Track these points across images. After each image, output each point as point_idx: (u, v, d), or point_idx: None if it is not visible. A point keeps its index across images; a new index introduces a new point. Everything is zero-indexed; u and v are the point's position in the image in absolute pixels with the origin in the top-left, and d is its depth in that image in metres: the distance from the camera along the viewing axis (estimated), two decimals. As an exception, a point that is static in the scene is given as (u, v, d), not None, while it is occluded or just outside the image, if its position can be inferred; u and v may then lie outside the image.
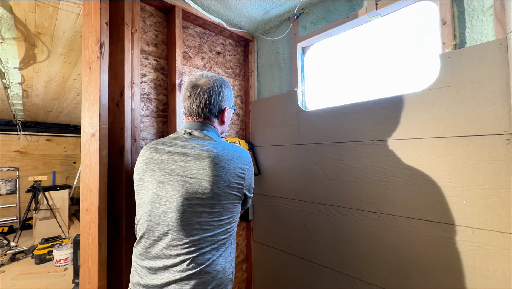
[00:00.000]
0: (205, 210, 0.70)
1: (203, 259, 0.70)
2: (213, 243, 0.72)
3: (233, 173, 0.74)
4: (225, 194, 0.72)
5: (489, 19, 0.78)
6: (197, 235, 0.70)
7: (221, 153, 0.74)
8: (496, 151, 0.74)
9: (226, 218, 0.74)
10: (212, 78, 0.84)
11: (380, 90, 1.09)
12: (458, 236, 0.80)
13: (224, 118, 0.87)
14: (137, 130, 1.03)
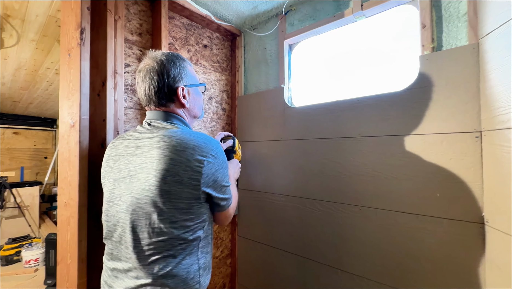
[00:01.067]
0: (154, 210, 0.61)
1: (157, 267, 0.62)
2: (167, 249, 0.62)
3: (185, 166, 0.61)
4: (176, 192, 0.61)
5: (463, 25, 0.84)
6: (146, 239, 0.62)
7: (173, 142, 0.63)
8: (466, 147, 0.80)
9: (181, 220, 0.63)
10: (154, 58, 0.72)
11: (364, 88, 1.14)
12: (432, 226, 0.86)
13: (182, 100, 0.72)
14: (120, 123, 0.99)
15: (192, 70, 0.79)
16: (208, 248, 0.73)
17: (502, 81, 0.68)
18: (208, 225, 0.72)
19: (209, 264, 0.74)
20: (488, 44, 0.74)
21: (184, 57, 0.77)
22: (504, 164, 0.68)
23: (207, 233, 0.71)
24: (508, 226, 0.67)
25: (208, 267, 0.73)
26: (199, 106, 0.82)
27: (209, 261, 0.74)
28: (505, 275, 0.68)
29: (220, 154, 0.69)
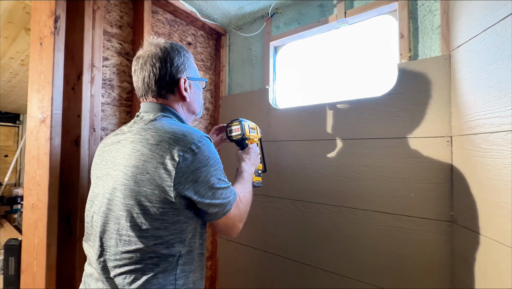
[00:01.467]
0: (122, 214, 0.54)
1: (120, 283, 0.53)
2: (135, 263, 0.53)
3: (157, 162, 0.53)
4: (146, 193, 0.53)
5: (437, 37, 0.91)
6: (113, 247, 0.54)
7: (148, 135, 0.56)
8: (438, 150, 0.86)
9: (152, 228, 0.53)
10: (157, 44, 0.66)
11: (346, 92, 1.18)
12: (406, 225, 0.91)
13: (184, 92, 0.67)
14: (96, 119, 0.94)
15: (195, 65, 0.74)
16: (191, 266, 0.60)
17: (470, 91, 0.74)
18: (193, 238, 0.60)
19: (195, 284, 0.62)
20: (459, 56, 0.80)
21: (189, 50, 0.72)
22: (471, 166, 0.74)
23: (190, 247, 0.60)
24: (474, 223, 0.73)
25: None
26: (199, 102, 0.76)
27: (194, 282, 0.61)
28: (471, 268, 0.74)
29: (206, 149, 0.57)
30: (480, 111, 0.70)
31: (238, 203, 0.65)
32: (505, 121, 0.62)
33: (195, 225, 0.61)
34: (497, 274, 0.64)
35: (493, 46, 0.65)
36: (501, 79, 0.63)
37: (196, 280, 0.63)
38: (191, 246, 0.60)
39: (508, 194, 0.60)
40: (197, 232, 0.62)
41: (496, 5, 0.64)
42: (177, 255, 0.57)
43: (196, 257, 0.62)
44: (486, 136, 0.68)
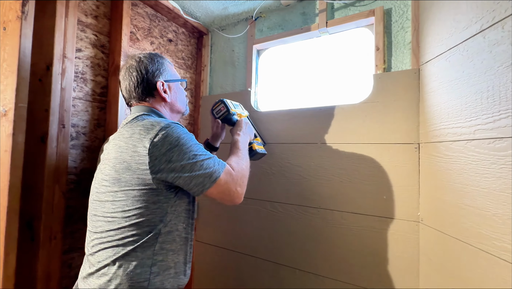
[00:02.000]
0: (108, 199, 0.64)
1: (103, 256, 0.62)
2: (118, 239, 0.61)
3: (132, 151, 0.61)
4: (126, 179, 0.61)
5: (408, 52, 0.99)
6: (100, 227, 0.64)
7: (124, 131, 0.66)
8: (407, 156, 0.94)
9: (134, 208, 0.61)
10: (133, 56, 0.77)
11: (327, 98, 1.23)
12: (379, 225, 0.97)
13: (163, 94, 0.75)
14: (66, 114, 0.86)
15: (171, 68, 0.82)
16: (172, 246, 0.66)
17: (436, 103, 0.82)
18: (175, 220, 0.66)
19: (175, 267, 0.67)
20: (426, 71, 0.89)
21: (164, 56, 0.81)
22: (435, 171, 0.82)
23: (171, 228, 0.66)
24: (437, 223, 0.80)
25: (170, 269, 0.65)
26: (182, 101, 0.83)
27: (175, 263, 0.67)
28: (435, 264, 0.81)
29: (174, 131, 0.63)
30: (445, 122, 0.78)
31: (228, 170, 0.69)
32: (465, 131, 0.69)
33: (176, 208, 0.67)
34: (458, 270, 0.71)
35: (457, 64, 0.73)
36: (462, 94, 0.71)
37: (178, 262, 0.68)
38: (171, 227, 0.66)
39: (467, 196, 0.67)
40: (179, 215, 0.68)
41: (460, 27, 0.72)
42: (156, 234, 0.63)
43: (178, 239, 0.68)
44: (449, 144, 0.75)
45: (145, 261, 0.62)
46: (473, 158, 0.66)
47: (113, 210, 0.62)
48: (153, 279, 0.62)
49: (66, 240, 0.92)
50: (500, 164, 0.58)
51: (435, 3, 0.84)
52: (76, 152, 0.95)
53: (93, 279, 0.61)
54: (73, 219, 0.94)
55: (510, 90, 0.56)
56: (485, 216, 0.61)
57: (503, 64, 0.58)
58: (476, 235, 0.64)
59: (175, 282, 0.67)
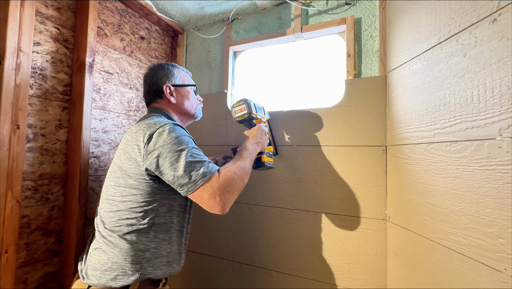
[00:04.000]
0: (111, 184, 0.73)
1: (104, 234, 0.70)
2: (115, 221, 0.70)
3: (134, 144, 0.70)
4: (126, 168, 0.70)
5: (376, 59, 1.05)
6: (103, 208, 0.73)
7: (132, 127, 0.75)
8: (376, 158, 0.99)
9: (130, 195, 0.69)
10: (148, 66, 0.91)
11: (302, 101, 1.26)
12: (351, 224, 1.01)
13: (168, 96, 0.85)
14: (22, 114, 0.78)
15: (183, 74, 0.93)
16: (166, 236, 0.73)
17: (401, 108, 0.88)
18: (169, 212, 0.74)
19: (168, 256, 0.73)
20: (393, 78, 0.95)
21: (178, 65, 0.93)
22: (400, 172, 0.87)
23: (165, 220, 0.73)
24: (402, 220, 0.86)
25: (162, 257, 0.72)
26: (189, 104, 0.90)
27: (168, 252, 0.73)
28: (401, 259, 0.86)
29: (171, 131, 0.68)
30: (408, 126, 0.84)
31: (213, 178, 0.67)
32: (426, 135, 0.75)
33: (171, 202, 0.74)
34: (421, 264, 0.76)
35: (418, 72, 0.79)
36: (423, 100, 0.77)
37: (171, 251, 0.75)
38: (166, 219, 0.73)
39: (429, 195, 0.73)
40: (174, 209, 0.75)
41: (421, 38, 0.78)
42: (150, 222, 0.70)
43: (172, 230, 0.75)
44: (412, 147, 0.81)
45: (139, 246, 0.69)
46: (433, 160, 0.71)
47: (114, 193, 0.71)
48: (145, 263, 0.69)
49: (21, 253, 0.83)
50: (455, 165, 0.63)
51: (400, 15, 0.90)
52: (33, 155, 0.86)
53: (95, 255, 0.70)
54: (29, 230, 0.86)
55: (464, 98, 0.61)
56: (444, 213, 0.67)
57: (457, 74, 0.63)
58: (436, 231, 0.69)
59: (167, 270, 0.73)
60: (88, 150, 0.98)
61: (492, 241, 0.53)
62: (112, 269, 0.67)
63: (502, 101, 0.52)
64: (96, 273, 0.68)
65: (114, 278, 0.67)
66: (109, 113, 1.11)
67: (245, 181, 0.75)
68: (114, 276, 0.67)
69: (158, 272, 0.71)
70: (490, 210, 0.53)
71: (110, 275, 0.67)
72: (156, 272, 0.71)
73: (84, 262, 0.73)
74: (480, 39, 0.57)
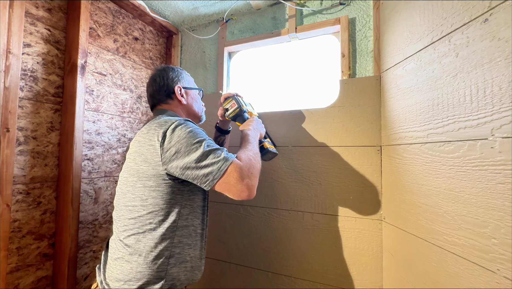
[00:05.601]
0: (128, 189, 0.70)
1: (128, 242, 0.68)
2: (137, 228, 0.67)
3: (148, 145, 0.68)
4: (143, 170, 0.68)
5: (370, 59, 1.05)
6: (122, 216, 0.70)
7: (143, 128, 0.73)
8: (371, 158, 0.99)
9: (151, 198, 0.67)
10: (156, 68, 0.90)
11: (297, 102, 1.25)
12: (346, 224, 1.01)
13: (180, 97, 0.85)
14: (11, 117, 0.77)
15: (189, 79, 0.94)
16: (189, 240, 0.71)
17: (395, 108, 0.88)
18: (191, 214, 0.72)
19: (191, 261, 0.72)
20: (387, 78, 0.95)
21: (183, 69, 0.93)
22: (395, 172, 0.87)
23: (188, 222, 0.71)
24: (397, 220, 0.86)
25: (186, 262, 0.71)
26: (198, 106, 0.92)
27: (191, 257, 0.72)
28: (396, 260, 0.86)
29: (184, 126, 0.68)
30: (402, 126, 0.83)
31: (236, 162, 0.66)
32: (420, 135, 0.75)
33: (191, 203, 0.73)
34: (416, 264, 0.76)
35: (412, 72, 0.79)
36: (417, 100, 0.76)
37: (194, 256, 0.73)
38: (188, 221, 0.72)
39: (423, 195, 0.73)
40: (195, 210, 0.74)
41: (414, 38, 0.78)
42: (173, 226, 0.68)
43: (193, 234, 0.73)
44: (407, 147, 0.81)
45: (163, 252, 0.67)
46: (427, 160, 0.71)
47: (133, 199, 0.68)
48: (170, 270, 0.67)
49: (12, 258, 0.82)
50: (449, 165, 0.63)
51: (394, 15, 0.90)
52: (24, 158, 0.85)
53: (117, 265, 0.67)
54: (21, 234, 0.84)
55: (456, 98, 0.61)
56: (437, 213, 0.66)
57: (450, 74, 0.63)
58: (430, 231, 0.69)
59: (190, 276, 0.72)
60: (81, 152, 0.96)
61: (485, 241, 0.53)
62: (136, 279, 0.65)
63: (494, 102, 0.52)
64: (119, 284, 0.66)
65: (138, 288, 0.65)
66: (102, 115, 1.10)
67: (260, 163, 0.76)
68: (139, 286, 0.65)
69: (182, 277, 0.70)
70: (483, 210, 0.53)
71: (134, 285, 0.65)
72: (180, 277, 0.69)
73: (103, 272, 0.71)
74: (472, 39, 0.57)
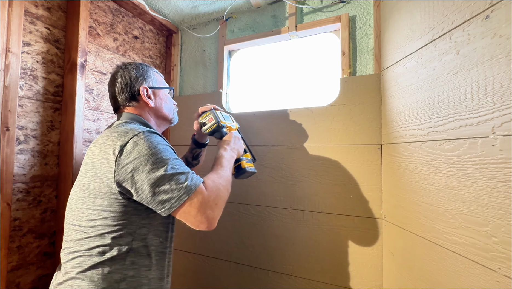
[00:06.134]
0: (77, 206, 0.62)
1: (71, 266, 0.59)
2: (85, 250, 0.59)
3: (102, 158, 0.59)
4: (94, 186, 0.59)
5: (371, 57, 1.04)
6: (69, 236, 0.62)
7: (100, 137, 0.65)
8: (372, 156, 0.99)
9: (100, 218, 0.59)
10: (118, 64, 0.79)
11: (297, 100, 1.25)
12: (346, 223, 1.01)
13: (146, 99, 0.74)
14: (11, 116, 0.77)
15: (158, 76, 0.83)
16: (146, 260, 0.63)
17: (396, 106, 0.88)
18: (150, 234, 0.63)
19: (149, 284, 0.63)
20: (387, 76, 0.94)
21: (150, 66, 0.82)
22: (396, 170, 0.87)
23: (145, 243, 0.62)
24: (397, 219, 0.85)
25: (142, 285, 0.61)
26: (168, 108, 0.82)
27: (149, 280, 0.63)
28: (396, 259, 0.86)
29: (147, 140, 0.59)
30: (403, 124, 0.83)
31: (201, 189, 0.60)
32: (420, 133, 0.74)
33: (151, 221, 0.63)
34: (417, 263, 0.76)
35: (412, 70, 0.79)
36: (417, 98, 0.76)
37: (153, 278, 0.64)
38: (145, 242, 0.63)
39: (423, 194, 0.72)
40: (155, 229, 0.65)
41: (415, 36, 0.77)
42: (127, 246, 0.60)
43: (153, 254, 0.64)
44: (407, 145, 0.80)
45: (112, 276, 0.58)
46: (427, 158, 0.70)
47: (81, 218, 0.61)
48: None
49: (12, 257, 0.82)
50: (449, 164, 0.63)
51: (394, 13, 0.89)
52: (24, 157, 0.85)
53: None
54: (21, 233, 0.85)
55: (457, 95, 0.61)
56: (438, 212, 0.66)
57: (451, 72, 0.63)
58: (430, 230, 0.69)
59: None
60: (81, 151, 0.97)
61: (486, 240, 0.52)
62: None
63: (495, 99, 0.51)
64: None
65: None
66: (102, 114, 1.10)
67: (229, 191, 0.70)
68: None
69: None
70: (483, 209, 0.53)
71: None
72: None
73: None
74: (473, 36, 0.57)
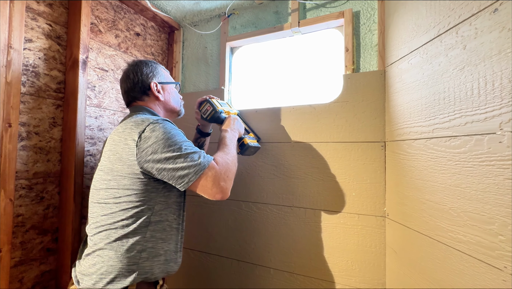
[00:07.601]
0: (102, 187, 0.71)
1: (98, 239, 0.68)
2: (110, 224, 0.68)
3: (123, 144, 0.68)
4: (118, 169, 0.68)
5: (375, 54, 1.03)
6: (95, 212, 0.71)
7: (119, 127, 0.73)
8: (375, 154, 0.98)
9: (124, 196, 0.68)
10: (129, 62, 0.87)
11: (300, 97, 1.24)
12: (349, 221, 1.00)
13: (156, 93, 0.84)
14: (14, 112, 0.77)
15: (165, 72, 0.92)
16: (163, 234, 0.72)
17: (400, 103, 0.86)
18: (165, 210, 0.73)
19: (165, 255, 0.73)
20: (391, 72, 0.93)
21: (158, 62, 0.90)
22: (399, 168, 0.86)
23: (161, 217, 0.72)
24: (401, 217, 0.84)
25: (160, 256, 0.71)
26: (176, 101, 0.92)
27: (165, 251, 0.73)
28: (399, 257, 0.85)
29: (161, 127, 0.68)
30: (407, 121, 0.82)
31: (213, 164, 0.71)
32: (425, 130, 0.73)
33: (166, 199, 0.73)
34: (420, 261, 0.75)
35: (417, 66, 0.77)
36: (422, 95, 0.75)
37: (169, 250, 0.74)
38: (161, 217, 0.72)
39: (427, 191, 0.71)
40: (170, 206, 0.75)
41: (420, 31, 0.76)
42: (146, 221, 0.69)
43: (168, 229, 0.74)
44: (411, 142, 0.79)
45: (135, 246, 0.67)
46: (432, 155, 0.69)
47: (106, 196, 0.69)
48: (142, 264, 0.68)
49: (16, 252, 0.83)
50: (455, 161, 0.61)
51: (399, 7, 0.88)
52: (27, 153, 0.86)
53: (88, 259, 0.68)
54: (24, 229, 0.85)
55: (463, 91, 0.59)
56: (442, 210, 0.65)
57: (457, 67, 0.61)
58: (435, 228, 0.68)
59: (165, 268, 0.73)
60: (83, 148, 0.97)
61: (492, 238, 0.51)
62: (107, 272, 0.66)
63: (502, 95, 0.50)
64: (91, 278, 0.67)
65: (110, 281, 0.65)
66: (104, 111, 1.10)
67: (236, 166, 0.82)
68: (111, 279, 0.65)
69: (156, 271, 0.71)
70: (489, 207, 0.52)
71: (106, 279, 0.66)
72: (154, 270, 0.70)
73: (78, 267, 0.72)
74: (481, 30, 0.55)
